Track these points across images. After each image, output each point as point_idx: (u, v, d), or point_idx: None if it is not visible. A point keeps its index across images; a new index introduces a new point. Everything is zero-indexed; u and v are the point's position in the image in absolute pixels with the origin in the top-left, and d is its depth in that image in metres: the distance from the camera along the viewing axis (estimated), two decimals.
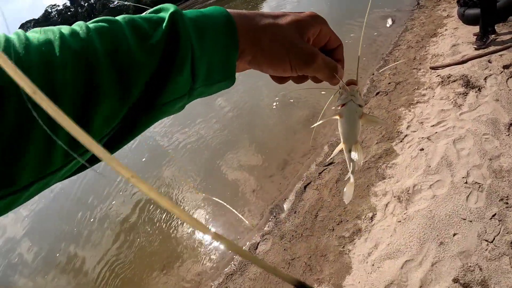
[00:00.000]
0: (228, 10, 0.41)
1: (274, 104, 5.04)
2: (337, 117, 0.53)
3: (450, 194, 2.26)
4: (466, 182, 2.29)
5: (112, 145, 0.36)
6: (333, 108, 0.55)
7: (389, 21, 6.65)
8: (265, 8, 14.41)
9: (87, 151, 0.31)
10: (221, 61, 0.39)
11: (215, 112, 5.55)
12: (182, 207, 3.57)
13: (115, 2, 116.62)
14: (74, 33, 0.32)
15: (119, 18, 0.36)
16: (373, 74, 4.73)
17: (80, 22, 0.35)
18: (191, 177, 4.18)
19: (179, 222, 3.50)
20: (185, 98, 0.39)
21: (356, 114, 0.52)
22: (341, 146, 0.55)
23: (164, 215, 3.70)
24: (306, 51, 0.43)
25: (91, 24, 0.34)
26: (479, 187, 2.23)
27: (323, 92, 4.20)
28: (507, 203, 2.07)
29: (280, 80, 0.49)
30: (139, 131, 0.37)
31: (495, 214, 2.04)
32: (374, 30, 6.81)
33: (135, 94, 0.34)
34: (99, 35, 0.33)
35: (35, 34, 0.31)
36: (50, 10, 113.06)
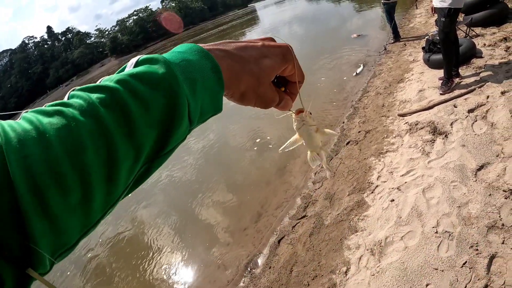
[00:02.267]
0: (210, 51, 0.51)
1: (248, 155, 5.53)
2: (298, 137, 0.74)
3: (421, 244, 2.61)
4: (436, 232, 2.67)
5: (131, 189, 0.46)
6: (295, 130, 0.74)
7: (359, 70, 7.54)
8: None
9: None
10: (212, 102, 0.51)
11: (190, 159, 6.00)
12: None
13: (92, 38, 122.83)
14: (83, 111, 0.39)
15: (115, 82, 0.43)
16: (343, 122, 5.31)
17: (80, 94, 0.42)
18: (163, 228, 4.50)
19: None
20: (186, 136, 0.51)
21: (311, 131, 0.72)
22: (309, 153, 0.77)
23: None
24: (269, 99, 0.59)
25: (93, 95, 0.41)
26: (449, 235, 2.61)
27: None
28: (477, 250, 2.45)
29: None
30: (148, 175, 0.48)
31: (465, 262, 2.40)
32: (344, 75, 7.68)
33: (145, 153, 0.43)
34: (106, 108, 0.40)
35: (47, 119, 0.38)
36: (27, 42, 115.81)
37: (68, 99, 0.43)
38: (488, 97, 4.00)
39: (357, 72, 7.36)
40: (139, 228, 4.73)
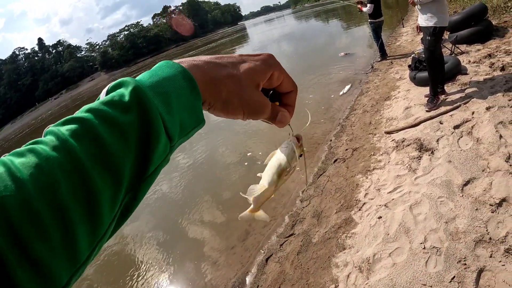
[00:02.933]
0: (181, 62, 0.51)
1: (237, 172, 5.59)
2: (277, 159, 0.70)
3: (409, 261, 2.64)
4: (424, 248, 2.70)
5: (121, 220, 0.45)
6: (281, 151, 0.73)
7: (346, 88, 7.69)
8: None
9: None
10: (190, 115, 0.49)
11: (178, 175, 6.00)
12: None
13: (82, 52, 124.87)
14: (54, 146, 0.38)
15: (85, 111, 0.42)
16: (331, 140, 5.39)
17: (52, 129, 0.41)
18: (151, 245, 4.52)
19: None
20: (168, 155, 0.49)
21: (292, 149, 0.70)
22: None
23: None
24: (258, 103, 0.56)
25: (64, 128, 0.41)
26: (437, 251, 2.64)
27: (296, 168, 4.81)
28: (465, 264, 2.48)
29: None
30: (136, 204, 0.46)
31: (454, 276, 2.43)
32: (332, 93, 7.82)
33: (125, 180, 0.42)
34: (76, 139, 0.39)
35: (19, 159, 0.37)
36: (17, 53, 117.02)
37: (44, 136, 0.42)
38: (473, 113, 4.12)
39: (344, 91, 7.50)
40: (126, 245, 4.69)
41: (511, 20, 7.48)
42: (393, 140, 4.41)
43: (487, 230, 2.59)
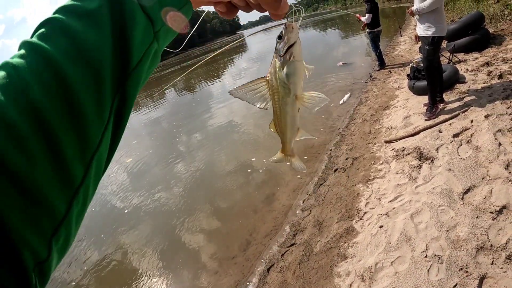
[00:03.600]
0: None
1: (236, 182, 5.60)
2: (287, 62, 0.62)
3: (412, 269, 2.68)
4: (426, 256, 2.74)
5: (116, 130, 0.42)
6: (275, 58, 0.64)
7: (345, 97, 7.77)
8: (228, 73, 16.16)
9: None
10: None
11: (177, 185, 6.01)
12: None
13: None
14: (21, 54, 0.36)
15: (54, 13, 0.40)
16: (331, 150, 5.45)
17: (22, 41, 0.39)
18: (149, 255, 4.52)
19: None
20: (154, 44, 0.45)
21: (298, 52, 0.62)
22: (293, 98, 0.65)
23: None
24: None
25: (34, 37, 0.38)
26: (439, 259, 2.68)
27: (298, 176, 4.91)
28: (467, 272, 2.52)
29: (228, 13, 0.58)
30: (129, 106, 0.42)
31: (456, 284, 2.46)
32: (331, 101, 7.89)
33: (107, 74, 0.38)
34: (45, 40, 0.37)
35: None
36: None
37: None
38: (472, 121, 4.18)
39: (344, 100, 7.58)
40: (124, 254, 4.70)
41: (508, 28, 7.60)
42: (393, 149, 4.47)
43: (488, 238, 2.63)
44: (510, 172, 3.14)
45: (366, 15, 8.56)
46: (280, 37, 0.63)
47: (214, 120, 9.66)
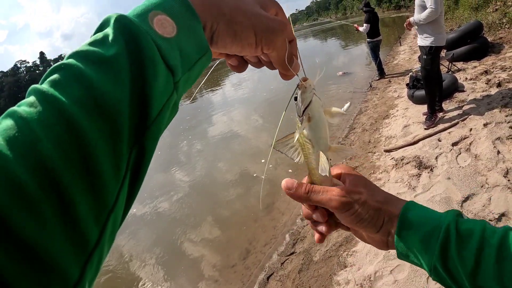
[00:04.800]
0: None
1: (236, 191, 5.66)
2: (306, 123, 0.59)
3: (411, 277, 2.70)
4: None
5: (133, 185, 0.39)
6: (297, 118, 0.61)
7: (345, 107, 7.84)
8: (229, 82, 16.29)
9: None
10: (189, 39, 0.43)
11: (178, 194, 6.06)
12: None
13: None
14: (31, 102, 0.33)
15: (68, 58, 0.38)
16: (330, 159, 5.50)
17: (33, 87, 0.36)
18: (149, 263, 4.55)
19: None
20: (174, 95, 0.43)
21: (322, 110, 0.59)
22: (318, 153, 0.61)
23: None
24: (269, 18, 0.50)
25: (44, 83, 0.36)
26: None
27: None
28: None
29: (238, 68, 0.58)
30: (147, 161, 0.39)
31: None
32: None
33: (125, 127, 0.36)
34: (57, 88, 0.34)
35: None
36: (19, 65, 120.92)
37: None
38: (471, 129, 4.24)
39: (344, 110, 7.64)
40: (125, 263, 4.72)
41: (507, 36, 7.71)
42: (392, 158, 4.51)
43: None
44: (509, 180, 3.19)
45: (364, 25, 8.66)
46: (296, 98, 0.61)
47: (214, 129, 9.76)
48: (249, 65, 0.61)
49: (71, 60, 0.36)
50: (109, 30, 0.38)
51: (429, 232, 0.54)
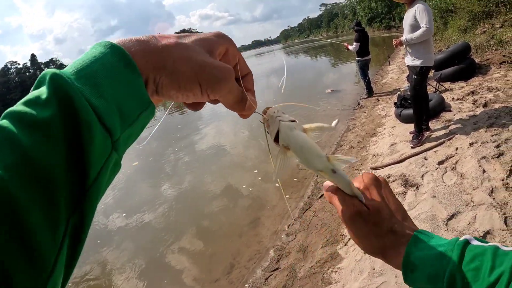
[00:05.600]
0: (116, 40, 0.44)
1: (222, 205, 5.64)
2: (284, 152, 0.56)
3: None
4: None
5: (75, 247, 0.37)
6: (276, 148, 0.58)
7: (333, 124, 7.91)
8: None
9: None
10: (129, 95, 0.41)
11: (162, 205, 6.01)
12: None
13: None
14: None
15: (1, 118, 0.36)
16: (317, 176, 5.53)
17: None
18: (130, 275, 4.49)
19: None
20: (113, 154, 0.40)
21: (297, 131, 0.56)
22: (319, 173, 0.58)
23: None
24: (214, 66, 0.47)
25: None
26: None
27: (287, 196, 5.01)
28: None
29: (195, 106, 0.55)
30: (87, 222, 0.38)
31: None
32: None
33: (62, 193, 0.34)
34: None
35: None
36: (9, 66, 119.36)
37: None
38: (457, 148, 4.31)
39: (331, 126, 7.71)
40: (106, 274, 4.64)
41: (493, 57, 7.89)
42: (378, 176, 4.54)
43: None
44: (494, 199, 3.23)
45: (354, 43, 8.80)
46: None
47: (202, 142, 9.78)
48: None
49: (4, 122, 0.35)
50: (44, 90, 0.37)
51: (434, 276, 0.53)
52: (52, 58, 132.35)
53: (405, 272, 0.56)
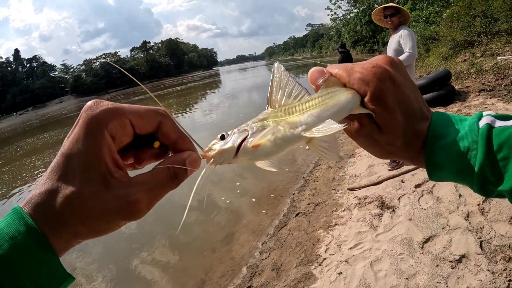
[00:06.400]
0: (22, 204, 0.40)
1: (196, 219, 5.58)
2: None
3: None
4: None
5: None
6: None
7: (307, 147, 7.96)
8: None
9: None
10: (43, 274, 0.39)
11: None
12: None
13: (56, 72, 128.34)
14: None
15: None
16: (294, 194, 5.53)
17: None
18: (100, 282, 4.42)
19: None
20: None
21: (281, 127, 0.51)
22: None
23: None
24: (121, 209, 0.43)
25: None
26: None
27: (263, 211, 4.89)
28: None
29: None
30: None
31: None
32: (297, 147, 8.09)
33: None
34: None
35: None
36: None
37: None
38: None
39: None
40: (73, 285, 4.51)
41: (473, 85, 8.13)
42: (355, 197, 4.57)
43: (447, 286, 2.68)
44: (469, 223, 3.26)
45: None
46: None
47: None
48: None
49: None
50: None
51: (463, 171, 0.53)
52: (36, 55, 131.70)
53: (430, 171, 0.56)
